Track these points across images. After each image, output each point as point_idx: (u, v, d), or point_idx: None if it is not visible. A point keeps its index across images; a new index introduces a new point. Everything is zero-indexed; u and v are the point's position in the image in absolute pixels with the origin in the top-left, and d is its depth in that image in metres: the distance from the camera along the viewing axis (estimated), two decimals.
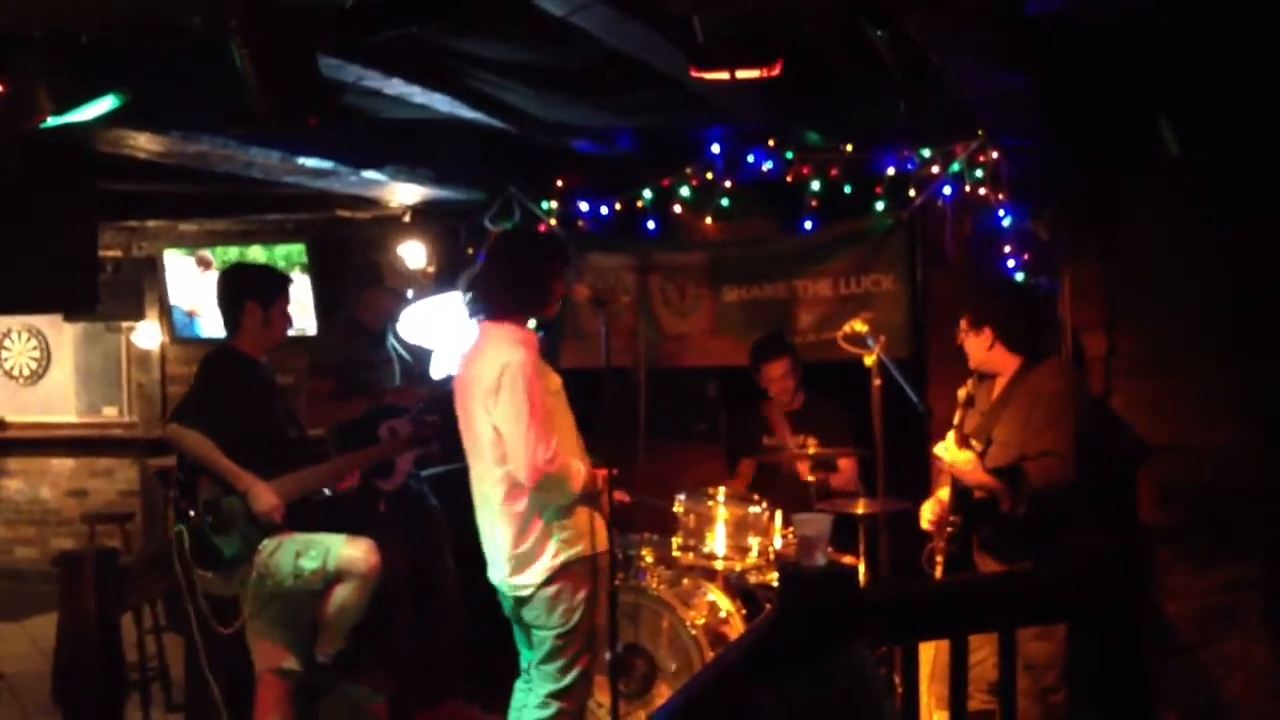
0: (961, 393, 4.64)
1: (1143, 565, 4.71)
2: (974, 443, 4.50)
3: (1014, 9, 3.72)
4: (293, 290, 4.90)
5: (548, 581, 4.16)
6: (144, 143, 4.79)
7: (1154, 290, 5.01)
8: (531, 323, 4.48)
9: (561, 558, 4.16)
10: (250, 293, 4.71)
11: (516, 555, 4.18)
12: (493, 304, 4.28)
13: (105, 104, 3.85)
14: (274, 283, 4.84)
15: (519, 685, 4.49)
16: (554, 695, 4.25)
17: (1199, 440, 4.87)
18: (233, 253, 7.86)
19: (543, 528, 4.16)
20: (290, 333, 4.91)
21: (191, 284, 8.04)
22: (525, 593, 4.20)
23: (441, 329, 6.04)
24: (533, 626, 4.27)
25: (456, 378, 4.40)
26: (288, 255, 7.62)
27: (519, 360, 4.06)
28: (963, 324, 4.65)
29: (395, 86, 4.51)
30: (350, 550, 4.71)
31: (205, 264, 7.98)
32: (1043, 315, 5.10)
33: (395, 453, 5.42)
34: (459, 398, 4.35)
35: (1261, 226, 4.80)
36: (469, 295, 4.40)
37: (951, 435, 4.50)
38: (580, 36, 3.97)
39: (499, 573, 4.29)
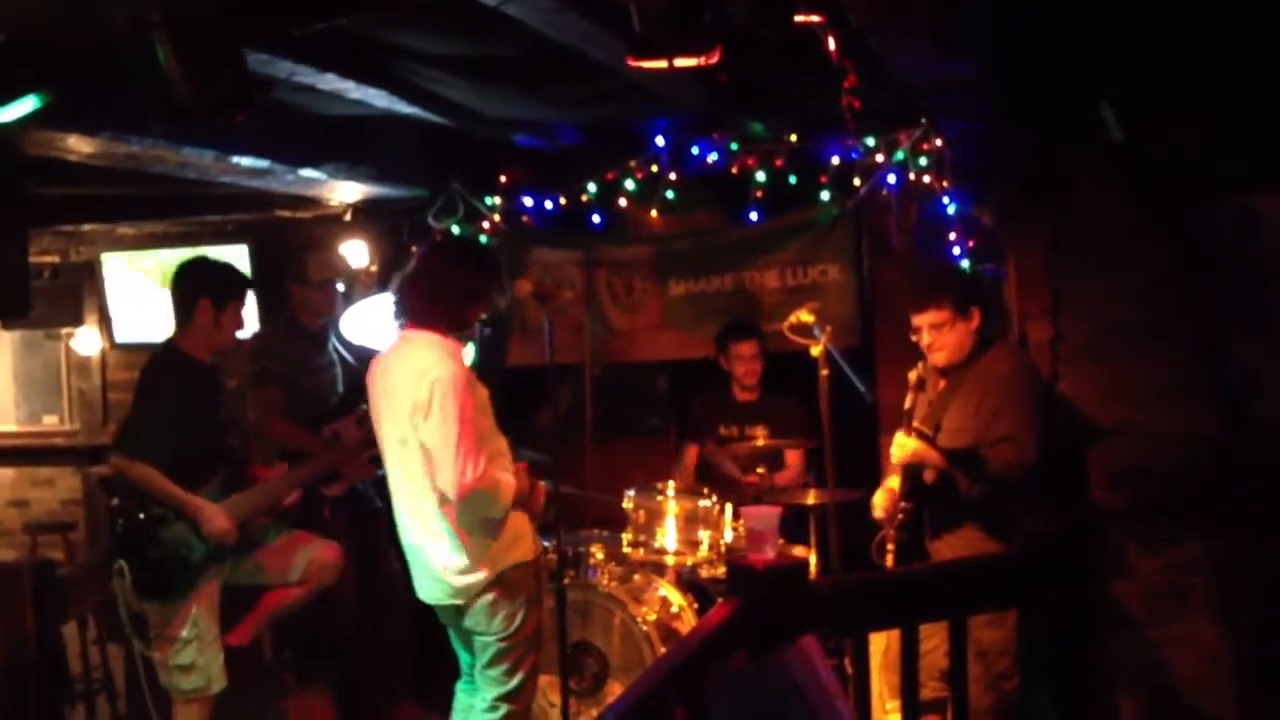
0: (912, 375, 4.62)
1: (1092, 548, 4.72)
2: (920, 427, 4.49)
3: None
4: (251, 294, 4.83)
5: (485, 590, 4.04)
6: (73, 144, 4.69)
7: (1100, 275, 5.02)
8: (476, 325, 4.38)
9: (500, 566, 4.04)
10: (205, 290, 4.60)
11: (451, 568, 4.04)
12: (419, 311, 4.09)
13: (27, 105, 3.77)
14: (231, 283, 4.73)
15: (460, 686, 4.40)
16: (502, 698, 4.17)
17: (1147, 423, 4.88)
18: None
19: (477, 538, 4.02)
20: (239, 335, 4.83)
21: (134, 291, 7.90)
22: (460, 601, 4.07)
23: (386, 329, 5.95)
24: (474, 633, 4.16)
25: (373, 382, 4.20)
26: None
27: (449, 374, 3.89)
28: (939, 316, 4.50)
29: (329, 82, 4.44)
30: (325, 556, 4.72)
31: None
32: (989, 301, 5.10)
33: (344, 460, 5.22)
34: (377, 405, 4.17)
35: (1205, 208, 4.81)
36: (395, 300, 4.23)
37: (900, 433, 4.48)
38: (516, 28, 3.91)
39: (431, 587, 4.13)
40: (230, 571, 4.65)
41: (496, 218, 6.60)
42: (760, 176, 6.02)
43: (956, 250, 5.57)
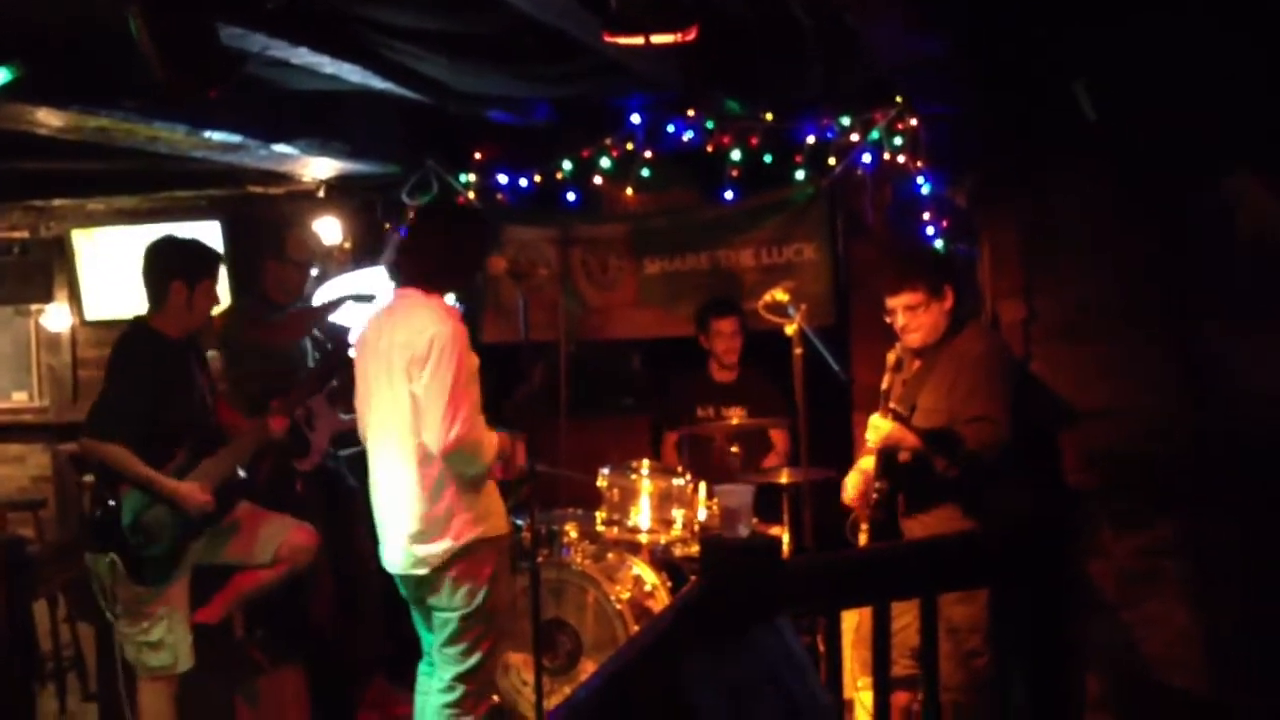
0: (890, 357, 4.62)
1: (1066, 528, 4.74)
2: (895, 407, 4.50)
3: None
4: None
5: (451, 562, 4.05)
6: (43, 117, 4.63)
7: (1073, 256, 5.03)
8: (450, 297, 4.39)
9: (466, 537, 4.05)
10: (177, 271, 4.52)
11: (421, 531, 4.05)
12: (416, 274, 4.15)
13: None
14: (202, 261, 4.64)
15: (421, 668, 4.40)
16: (459, 678, 4.17)
17: (1121, 405, 4.91)
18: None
19: (451, 503, 4.04)
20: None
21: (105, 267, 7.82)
22: (423, 570, 4.07)
23: (357, 305, 5.92)
24: (434, 609, 4.17)
25: (365, 343, 4.24)
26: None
27: (449, 332, 3.97)
28: (913, 298, 4.49)
29: (302, 56, 4.40)
30: (298, 539, 4.69)
31: None
32: (962, 282, 5.11)
33: (308, 394, 5.16)
34: (366, 364, 4.21)
35: (1178, 190, 4.83)
36: (391, 263, 4.29)
37: (876, 415, 4.49)
38: (493, 3, 3.88)
39: (398, 553, 4.14)
40: (202, 551, 4.63)
41: (471, 195, 6.57)
42: (736, 155, 6.02)
43: (930, 230, 5.59)
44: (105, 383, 4.53)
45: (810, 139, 5.89)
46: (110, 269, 7.72)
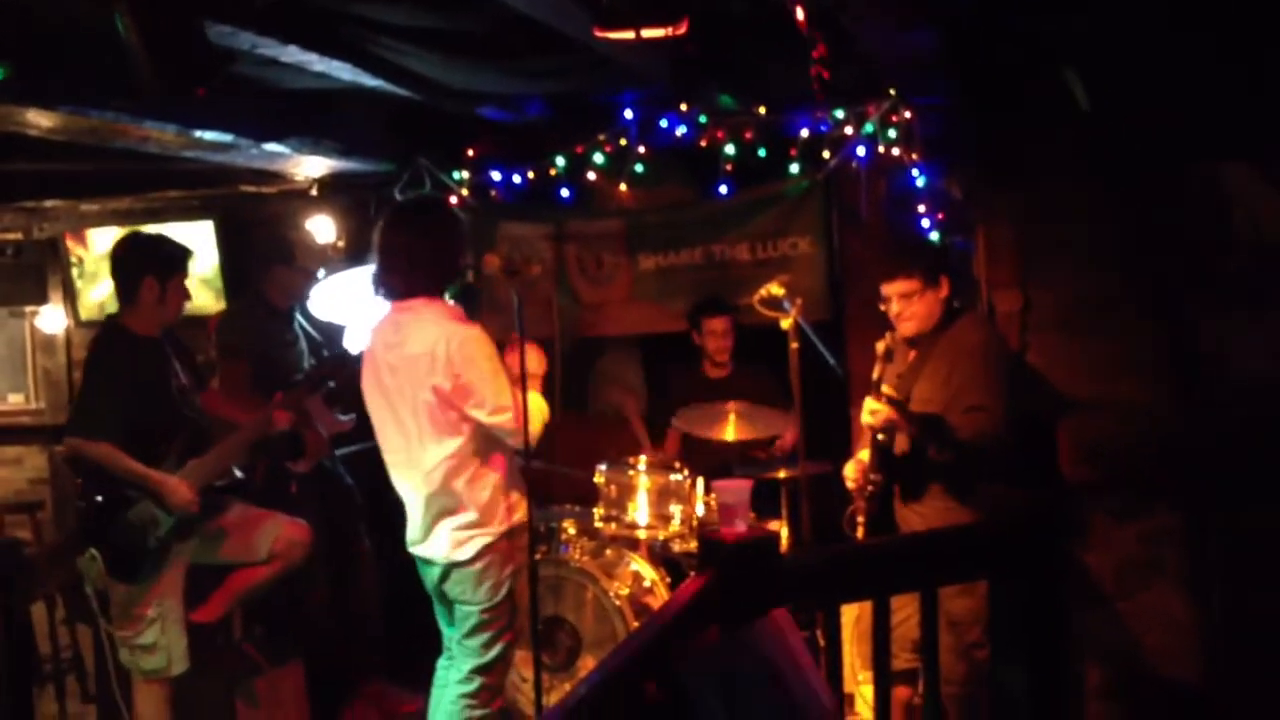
0: (880, 345, 4.61)
1: (1064, 519, 4.75)
2: (890, 392, 4.49)
3: None
4: (193, 265, 4.74)
5: (482, 553, 4.10)
6: (33, 118, 4.61)
7: (1067, 247, 5.03)
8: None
9: (507, 524, 4.13)
10: (148, 267, 4.51)
11: (465, 524, 4.10)
12: (400, 285, 4.12)
13: None
14: (173, 257, 4.63)
15: (441, 663, 4.43)
16: (477, 670, 4.22)
17: (1116, 395, 4.91)
18: None
19: (491, 495, 4.11)
20: (194, 310, 4.76)
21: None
22: (464, 556, 4.11)
23: (352, 304, 5.91)
24: (457, 602, 4.21)
25: (373, 356, 4.21)
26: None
27: (463, 330, 4.03)
28: (909, 285, 4.49)
29: (292, 54, 4.38)
30: (293, 534, 4.69)
31: None
32: (957, 273, 5.10)
33: (301, 399, 5.03)
34: (378, 378, 4.19)
35: (1170, 180, 4.82)
36: (374, 278, 4.22)
37: (868, 399, 4.49)
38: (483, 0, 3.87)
39: (437, 544, 4.17)
40: (197, 551, 4.62)
41: (464, 192, 6.55)
42: (729, 149, 5.99)
43: (926, 223, 5.57)
44: (82, 383, 4.56)
45: (804, 132, 5.86)
46: (105, 269, 7.71)
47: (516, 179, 6.46)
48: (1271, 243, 4.74)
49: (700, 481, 5.45)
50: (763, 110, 5.91)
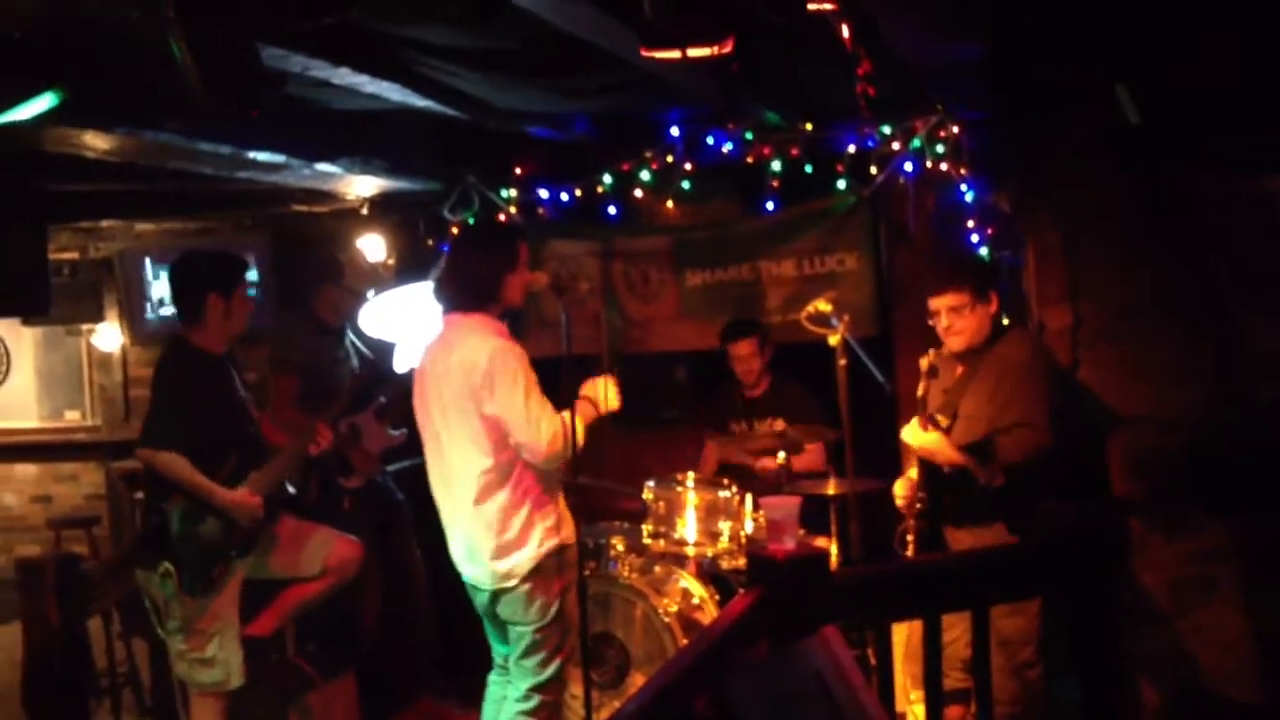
0: (924, 362, 4.60)
1: (1118, 537, 4.69)
2: (940, 418, 4.46)
3: None
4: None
5: (530, 575, 4.13)
6: (90, 140, 4.68)
7: (1114, 259, 4.99)
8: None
9: (545, 546, 4.14)
10: (211, 284, 4.55)
11: (499, 548, 4.13)
12: (458, 297, 4.24)
13: (44, 102, 3.76)
14: (233, 269, 4.69)
15: (493, 678, 4.45)
16: (535, 689, 4.25)
17: (1166, 408, 4.85)
18: None
19: (525, 518, 4.13)
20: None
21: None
22: (510, 583, 4.14)
23: (403, 322, 5.96)
24: (509, 622, 4.24)
25: (423, 372, 4.31)
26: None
27: (504, 347, 4.09)
28: (958, 299, 4.50)
29: (344, 76, 4.42)
30: (345, 550, 4.73)
31: None
32: (1007, 289, 5.07)
33: (344, 408, 5.21)
34: (424, 393, 4.27)
35: (1217, 191, 4.77)
36: (435, 287, 4.35)
37: (915, 420, 4.47)
38: (527, 19, 3.89)
39: (482, 571, 4.21)
40: (251, 566, 4.66)
41: (512, 210, 6.59)
42: (776, 166, 6.00)
43: (975, 238, 5.54)
44: (153, 397, 4.60)
45: (851, 148, 5.86)
46: (161, 289, 7.85)
47: (564, 197, 6.50)
48: None
49: (749, 498, 5.44)
50: (809, 126, 5.90)
